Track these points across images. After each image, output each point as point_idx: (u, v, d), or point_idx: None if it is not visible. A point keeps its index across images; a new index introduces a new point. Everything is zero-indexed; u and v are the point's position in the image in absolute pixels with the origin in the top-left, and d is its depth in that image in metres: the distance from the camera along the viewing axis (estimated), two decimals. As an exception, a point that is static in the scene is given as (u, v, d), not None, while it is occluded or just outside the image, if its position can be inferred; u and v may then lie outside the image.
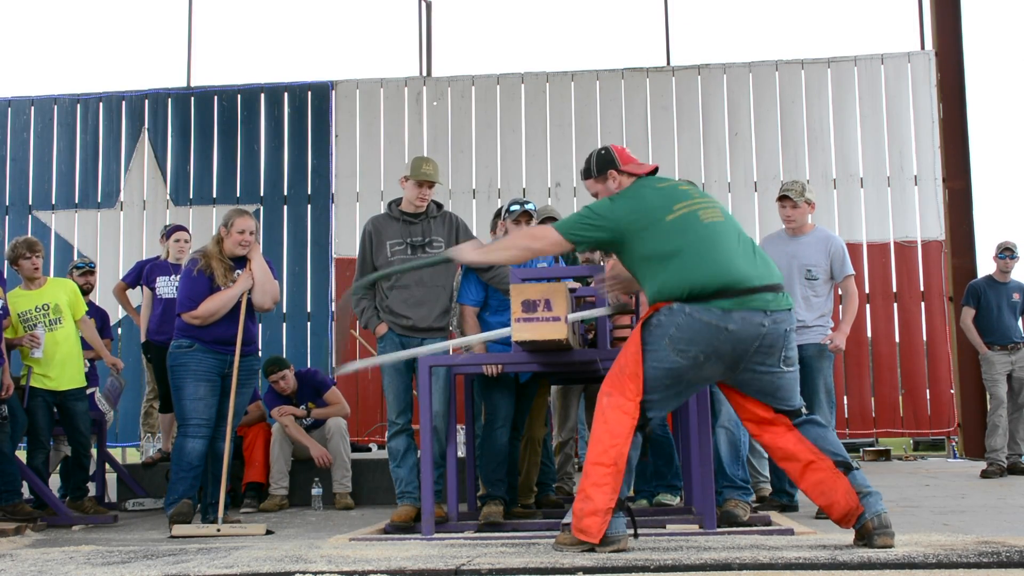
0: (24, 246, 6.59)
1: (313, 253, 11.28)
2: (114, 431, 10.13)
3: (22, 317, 6.47)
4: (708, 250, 3.84)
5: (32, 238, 6.75)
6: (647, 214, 3.94)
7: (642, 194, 4.03)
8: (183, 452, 5.60)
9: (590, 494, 3.80)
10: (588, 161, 4.29)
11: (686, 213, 3.93)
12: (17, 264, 6.59)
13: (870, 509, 3.74)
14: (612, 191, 4.16)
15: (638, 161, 4.26)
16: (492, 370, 5.13)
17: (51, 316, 6.53)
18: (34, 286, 6.59)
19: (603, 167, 4.21)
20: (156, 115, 11.63)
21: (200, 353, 5.65)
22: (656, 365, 3.82)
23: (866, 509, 3.74)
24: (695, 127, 11.13)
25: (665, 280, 3.86)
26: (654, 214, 3.94)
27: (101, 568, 3.74)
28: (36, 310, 6.50)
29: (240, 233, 5.75)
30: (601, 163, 4.23)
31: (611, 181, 4.19)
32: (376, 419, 10.65)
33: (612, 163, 4.20)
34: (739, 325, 3.76)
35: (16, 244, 6.63)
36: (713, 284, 3.78)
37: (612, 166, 4.20)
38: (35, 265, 6.56)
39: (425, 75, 11.59)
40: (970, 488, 7.02)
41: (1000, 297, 8.32)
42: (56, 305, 6.55)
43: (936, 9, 10.89)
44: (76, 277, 7.90)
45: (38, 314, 6.50)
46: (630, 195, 4.06)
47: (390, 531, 5.04)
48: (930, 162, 10.66)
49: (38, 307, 6.51)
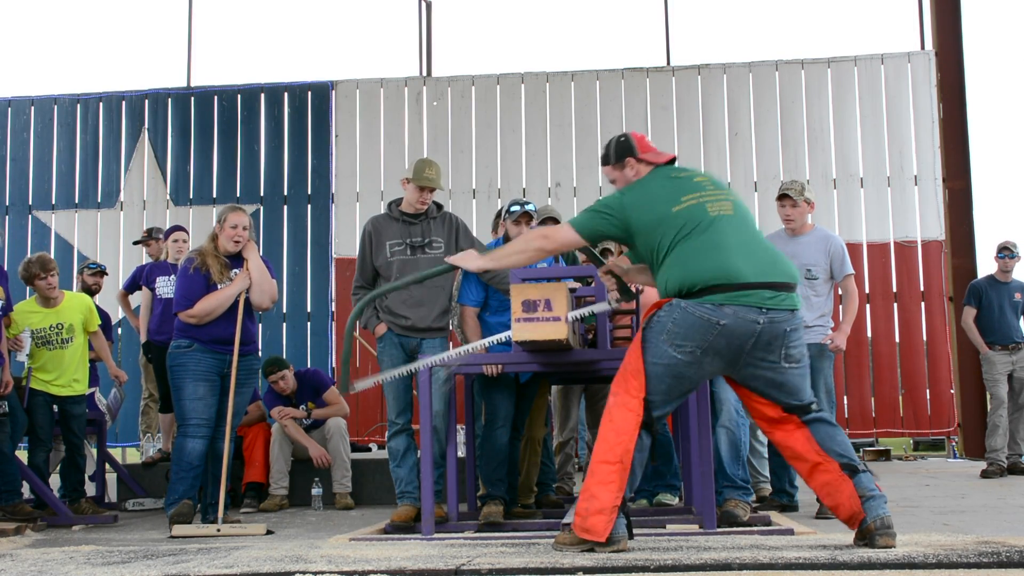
0: (38, 265, 6.48)
1: (313, 253, 11.29)
2: (114, 431, 10.14)
3: (36, 334, 6.45)
4: (704, 243, 3.82)
5: (45, 256, 6.67)
6: (654, 206, 3.93)
7: (651, 187, 4.01)
8: (183, 452, 5.59)
9: (595, 492, 3.78)
10: (607, 147, 4.24)
11: (693, 205, 3.90)
12: (32, 284, 6.53)
13: (871, 513, 3.73)
14: (630, 179, 4.13)
15: (657, 150, 4.21)
16: (492, 370, 5.13)
17: (64, 335, 6.55)
18: (50, 304, 6.56)
19: (621, 154, 4.17)
20: (156, 115, 11.64)
21: (199, 353, 5.64)
22: (656, 361, 3.82)
23: (868, 513, 3.74)
24: (695, 127, 11.14)
25: (663, 273, 3.88)
26: (661, 206, 3.91)
27: (101, 568, 3.74)
28: (51, 329, 6.51)
29: (233, 228, 5.74)
30: (620, 150, 4.18)
31: (629, 169, 4.15)
32: (376, 419, 10.65)
33: (631, 150, 4.15)
34: (731, 320, 3.74)
35: (30, 263, 6.54)
36: (703, 279, 3.77)
37: (630, 153, 4.15)
38: (50, 284, 6.50)
39: (425, 75, 11.60)
40: (970, 488, 7.02)
41: (1001, 297, 8.32)
42: (70, 325, 6.56)
43: (936, 9, 10.90)
44: (87, 277, 7.93)
45: (52, 332, 6.50)
46: (640, 186, 4.04)
47: (390, 531, 5.04)
48: (930, 162, 10.66)
49: (53, 326, 6.51)
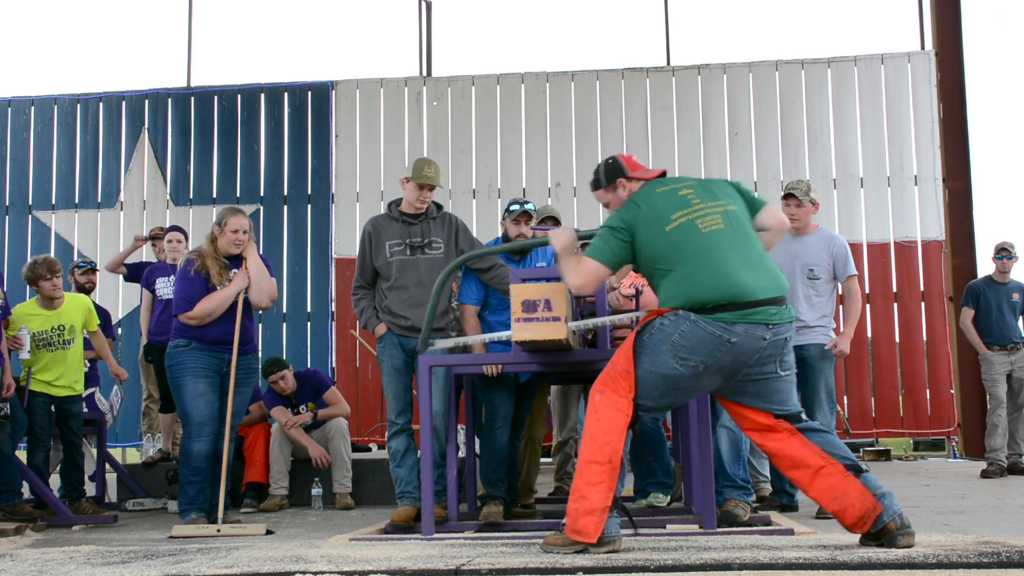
0: (44, 267, 6.46)
1: (313, 253, 11.28)
2: (114, 431, 10.14)
3: (38, 336, 6.45)
4: (707, 262, 3.80)
5: (52, 258, 6.63)
6: (648, 224, 3.92)
7: (644, 201, 3.99)
8: (190, 456, 5.60)
9: (585, 493, 3.76)
10: (596, 172, 4.26)
11: (684, 223, 3.88)
12: (36, 284, 6.52)
13: (889, 510, 3.70)
14: (622, 199, 4.12)
15: (645, 167, 4.22)
16: (492, 370, 5.13)
17: (65, 336, 6.55)
18: (52, 306, 6.55)
19: (612, 176, 4.18)
20: (156, 115, 11.64)
21: (198, 352, 5.65)
22: (652, 369, 3.80)
23: (885, 510, 3.70)
24: (695, 127, 11.14)
25: (667, 290, 3.85)
26: (654, 225, 3.91)
27: (101, 568, 3.74)
28: (53, 330, 6.50)
29: (234, 232, 5.73)
30: (610, 173, 4.20)
31: (621, 190, 4.16)
32: (376, 419, 10.65)
33: (620, 171, 4.17)
34: (742, 339, 3.73)
35: (36, 264, 6.50)
36: (714, 298, 3.74)
37: (621, 174, 4.17)
38: (55, 286, 6.48)
39: (425, 75, 11.60)
40: (970, 488, 7.02)
41: (1000, 297, 8.32)
42: (71, 326, 6.56)
43: (936, 9, 10.89)
44: (78, 276, 7.91)
45: (54, 334, 6.50)
46: (633, 203, 4.02)
47: (390, 531, 5.04)
48: (930, 162, 10.66)
49: (54, 327, 6.51)
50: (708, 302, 3.74)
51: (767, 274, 3.87)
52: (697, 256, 3.82)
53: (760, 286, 3.79)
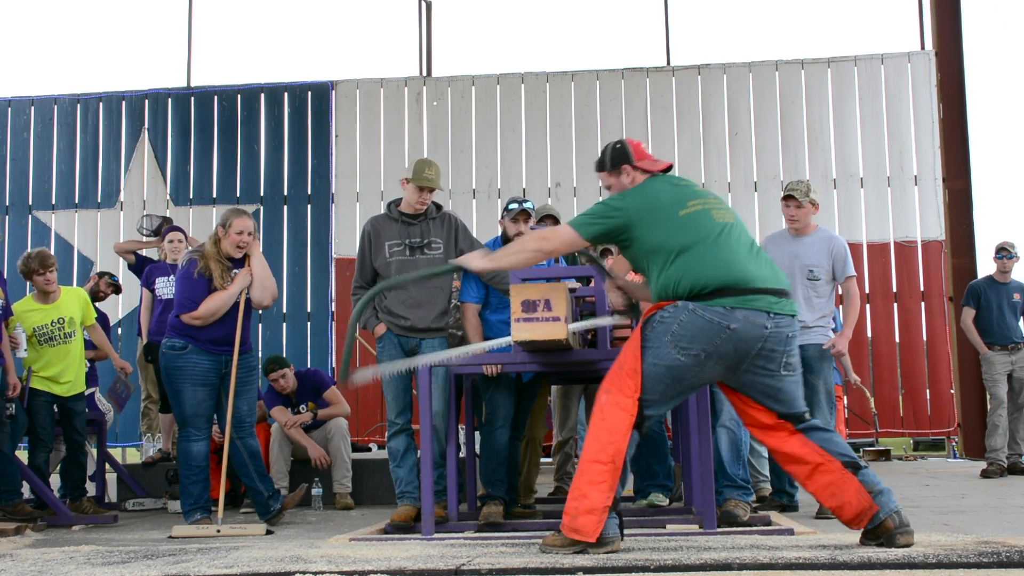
0: (37, 261, 6.41)
1: (313, 253, 11.29)
2: (114, 431, 10.14)
3: (38, 331, 6.41)
4: (717, 247, 3.82)
5: (45, 251, 6.57)
6: (659, 210, 3.91)
7: (655, 190, 3.99)
8: (189, 456, 5.60)
9: (586, 492, 3.76)
10: (603, 153, 4.22)
11: (699, 210, 3.90)
12: (31, 279, 6.48)
13: (885, 507, 3.70)
14: (625, 186, 4.10)
15: (653, 158, 4.19)
16: (492, 370, 5.13)
17: (66, 329, 6.50)
18: (49, 300, 6.51)
19: (617, 161, 4.15)
20: (156, 115, 11.65)
21: (195, 355, 5.61)
22: (656, 363, 3.79)
23: (881, 508, 3.70)
24: (695, 127, 11.14)
25: (670, 274, 3.83)
26: (666, 210, 3.90)
27: (101, 568, 3.74)
28: (52, 324, 6.46)
29: (238, 234, 5.72)
30: (616, 157, 4.16)
31: (624, 176, 4.13)
32: (376, 419, 10.66)
33: (626, 157, 4.14)
34: (741, 324, 3.73)
35: (29, 258, 6.46)
36: (716, 281, 3.75)
37: (626, 160, 4.14)
38: (48, 280, 6.43)
39: (425, 75, 11.60)
40: (970, 488, 7.02)
41: (1000, 297, 8.32)
42: (71, 319, 6.52)
43: (936, 9, 10.90)
44: (103, 284, 7.99)
45: (54, 328, 6.47)
46: (641, 191, 4.01)
47: (390, 531, 5.04)
48: (930, 162, 10.67)
49: (54, 321, 6.47)
50: (709, 285, 3.75)
51: (770, 268, 3.91)
52: (710, 240, 3.83)
53: (762, 276, 3.82)
